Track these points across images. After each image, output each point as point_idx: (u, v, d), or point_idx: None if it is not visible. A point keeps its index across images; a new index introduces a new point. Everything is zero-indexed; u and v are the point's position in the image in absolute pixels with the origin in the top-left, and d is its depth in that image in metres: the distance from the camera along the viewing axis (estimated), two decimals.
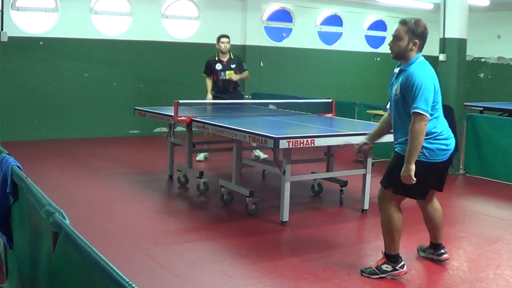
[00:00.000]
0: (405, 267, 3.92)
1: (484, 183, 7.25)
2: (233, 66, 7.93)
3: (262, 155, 7.79)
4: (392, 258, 3.92)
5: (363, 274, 3.96)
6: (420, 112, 3.55)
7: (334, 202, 6.04)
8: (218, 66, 7.93)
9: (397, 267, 3.90)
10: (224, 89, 7.92)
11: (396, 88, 3.76)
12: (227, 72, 7.89)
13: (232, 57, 8.03)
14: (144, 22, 10.25)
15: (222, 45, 7.91)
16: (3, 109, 8.40)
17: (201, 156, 7.85)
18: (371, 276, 3.91)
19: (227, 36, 8.01)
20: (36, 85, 9.39)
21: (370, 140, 4.27)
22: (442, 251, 4.20)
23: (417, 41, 3.72)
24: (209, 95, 8.00)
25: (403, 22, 3.76)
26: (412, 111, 3.58)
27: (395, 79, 3.85)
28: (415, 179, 3.62)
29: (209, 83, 8.04)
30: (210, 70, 7.98)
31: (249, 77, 8.52)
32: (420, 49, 3.78)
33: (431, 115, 3.64)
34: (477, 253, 4.59)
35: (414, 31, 3.71)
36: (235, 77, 7.87)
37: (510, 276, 4.04)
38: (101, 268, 1.56)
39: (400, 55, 3.78)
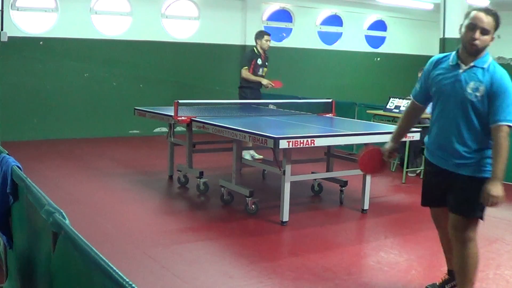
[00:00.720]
0: None
1: None
2: (267, 63, 8.03)
3: (257, 156, 7.77)
4: None
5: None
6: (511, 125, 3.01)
7: (334, 202, 6.04)
8: (259, 61, 7.98)
9: None
10: (259, 84, 7.93)
11: (476, 87, 3.09)
12: (264, 69, 7.98)
13: (267, 54, 8.06)
14: (144, 22, 10.25)
15: (266, 43, 7.91)
16: (3, 109, 8.41)
17: (248, 156, 7.81)
18: None
19: (269, 34, 8.03)
20: (36, 85, 9.38)
21: (397, 141, 3.64)
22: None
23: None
24: (264, 81, 7.92)
25: (492, 13, 3.16)
26: (501, 123, 3.02)
27: (460, 74, 3.15)
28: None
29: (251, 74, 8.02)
30: (250, 63, 7.98)
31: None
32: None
33: None
34: None
35: (498, 25, 3.19)
36: (265, 81, 7.93)
37: (510, 276, 4.04)
38: (101, 268, 1.56)
39: (479, 52, 3.16)
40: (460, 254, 3.27)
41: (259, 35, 7.99)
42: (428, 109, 3.58)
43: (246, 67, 7.88)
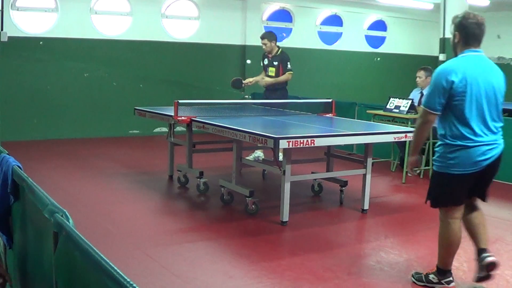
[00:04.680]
0: (451, 284, 3.72)
1: None
2: (275, 63, 7.83)
3: (262, 156, 7.77)
4: (441, 271, 3.73)
5: (412, 278, 3.86)
6: None
7: (334, 202, 6.04)
8: (265, 61, 7.97)
9: (443, 282, 3.71)
10: (270, 86, 7.85)
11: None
12: (270, 69, 7.87)
13: (278, 54, 7.85)
14: (144, 22, 10.25)
15: (263, 46, 7.85)
16: (3, 109, 8.41)
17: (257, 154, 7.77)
18: (417, 282, 3.80)
19: (263, 38, 7.84)
20: (36, 85, 9.38)
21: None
22: (489, 253, 3.69)
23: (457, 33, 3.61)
24: (258, 78, 7.99)
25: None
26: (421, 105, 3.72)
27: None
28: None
29: (261, 74, 8.06)
30: (262, 63, 8.03)
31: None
32: (465, 44, 3.60)
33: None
34: None
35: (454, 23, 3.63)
36: (265, 81, 7.84)
37: (510, 276, 4.04)
38: (102, 268, 1.56)
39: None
40: (439, 232, 3.74)
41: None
42: None
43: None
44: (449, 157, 3.52)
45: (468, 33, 3.55)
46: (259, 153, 7.78)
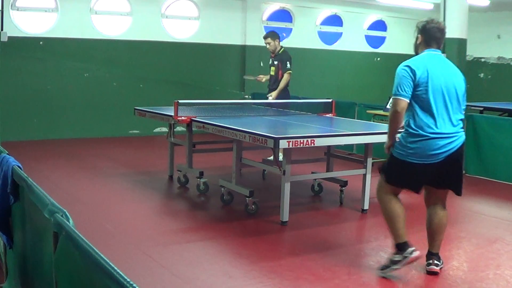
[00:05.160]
0: (415, 252, 3.82)
1: (484, 183, 7.25)
2: (275, 62, 7.90)
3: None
4: (399, 246, 3.85)
5: (380, 273, 3.92)
6: None
7: (334, 202, 6.04)
8: (269, 61, 8.03)
9: (406, 255, 3.82)
10: (274, 85, 7.88)
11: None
12: (271, 68, 7.95)
13: (279, 53, 7.90)
14: (144, 22, 10.25)
15: (266, 45, 7.92)
16: (3, 109, 8.40)
17: None
18: (386, 272, 3.88)
19: (266, 37, 7.93)
20: (36, 85, 9.38)
21: None
22: (430, 261, 3.95)
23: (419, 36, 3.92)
24: (260, 77, 8.14)
25: None
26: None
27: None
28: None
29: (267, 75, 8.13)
30: (268, 63, 8.06)
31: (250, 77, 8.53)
32: (426, 45, 3.91)
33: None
34: (477, 253, 4.60)
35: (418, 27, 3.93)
36: (260, 78, 7.99)
37: (510, 276, 4.04)
38: (102, 268, 1.56)
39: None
40: (382, 211, 4.04)
41: None
42: None
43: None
44: (409, 146, 3.72)
45: (430, 35, 3.86)
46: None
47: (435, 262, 3.94)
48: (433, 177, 3.83)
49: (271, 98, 7.77)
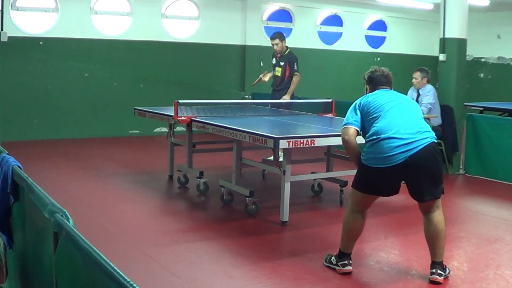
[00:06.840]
0: (346, 267, 3.95)
1: (484, 183, 7.25)
2: (282, 63, 7.86)
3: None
4: (341, 254, 4.00)
5: (324, 262, 4.12)
6: None
7: (334, 202, 6.04)
8: (273, 61, 8.02)
9: (339, 264, 3.98)
10: (278, 85, 7.88)
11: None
12: (277, 69, 7.91)
13: (285, 54, 7.86)
14: (144, 22, 10.25)
15: (273, 46, 7.89)
16: (3, 109, 8.41)
17: None
18: (325, 263, 4.09)
19: (275, 38, 7.86)
20: (36, 85, 9.39)
21: None
22: (433, 270, 3.85)
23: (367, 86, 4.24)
24: (264, 74, 8.13)
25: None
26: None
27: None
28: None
29: (270, 73, 8.13)
30: (271, 63, 8.05)
31: (250, 77, 8.52)
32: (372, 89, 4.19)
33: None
34: (477, 253, 4.60)
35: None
36: (264, 75, 7.99)
37: (510, 276, 4.04)
38: (102, 268, 1.56)
39: None
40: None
41: None
42: None
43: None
44: (366, 151, 3.83)
45: (376, 82, 4.15)
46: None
47: (439, 271, 3.83)
48: (411, 188, 3.80)
49: (287, 98, 7.77)
